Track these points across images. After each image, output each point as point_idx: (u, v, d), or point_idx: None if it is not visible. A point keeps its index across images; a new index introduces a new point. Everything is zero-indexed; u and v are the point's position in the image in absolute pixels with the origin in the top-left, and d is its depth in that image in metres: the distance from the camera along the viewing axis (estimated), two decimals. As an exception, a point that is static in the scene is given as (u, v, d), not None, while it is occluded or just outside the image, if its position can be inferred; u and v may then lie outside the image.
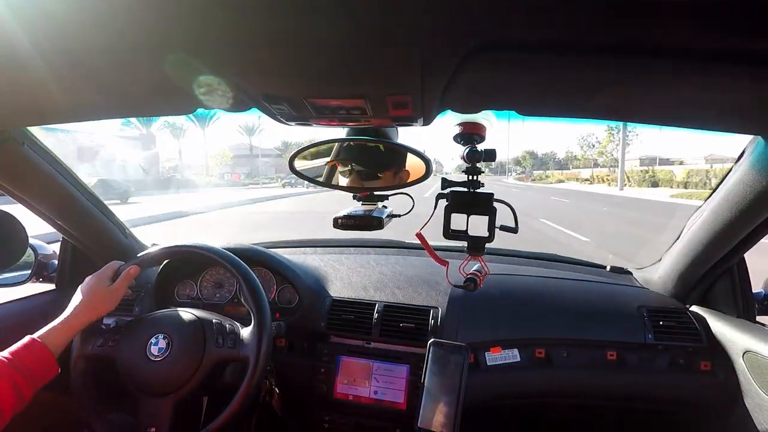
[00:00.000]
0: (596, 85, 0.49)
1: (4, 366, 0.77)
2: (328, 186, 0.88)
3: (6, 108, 0.67)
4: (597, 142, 50.88)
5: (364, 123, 0.69)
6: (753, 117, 0.58)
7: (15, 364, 0.78)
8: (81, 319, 0.90)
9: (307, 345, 1.21)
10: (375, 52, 0.43)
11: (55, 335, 0.86)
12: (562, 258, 1.52)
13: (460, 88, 0.50)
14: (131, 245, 1.38)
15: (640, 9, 0.33)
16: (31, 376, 0.79)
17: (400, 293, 1.24)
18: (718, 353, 1.07)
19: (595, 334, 1.13)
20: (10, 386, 0.76)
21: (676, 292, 1.19)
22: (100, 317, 0.94)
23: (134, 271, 0.99)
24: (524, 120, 0.68)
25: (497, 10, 0.34)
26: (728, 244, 0.99)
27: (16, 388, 0.76)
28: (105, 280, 0.95)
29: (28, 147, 0.96)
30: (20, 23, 0.38)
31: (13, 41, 0.41)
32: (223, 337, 0.94)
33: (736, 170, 0.87)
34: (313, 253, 1.48)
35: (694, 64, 0.40)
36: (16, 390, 0.76)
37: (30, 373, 0.79)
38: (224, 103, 0.59)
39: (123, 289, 0.97)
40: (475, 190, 0.80)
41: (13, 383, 0.76)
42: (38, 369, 0.81)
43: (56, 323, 0.88)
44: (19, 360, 0.79)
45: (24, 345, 0.82)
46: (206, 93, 0.55)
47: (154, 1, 0.34)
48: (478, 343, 1.12)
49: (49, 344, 0.84)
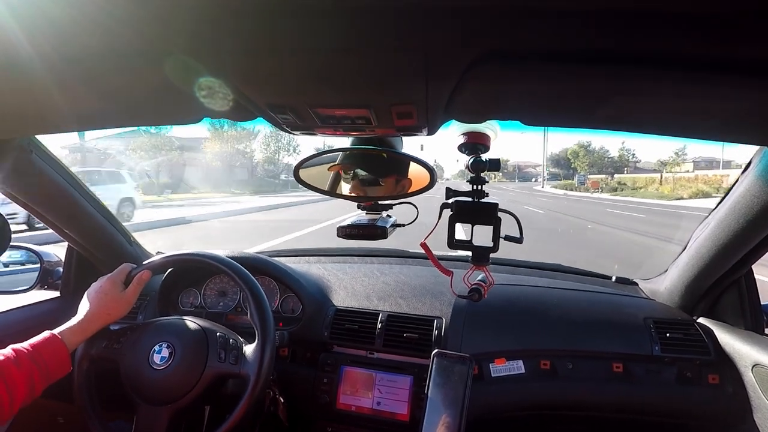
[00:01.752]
0: (600, 96, 0.49)
1: (24, 357, 0.77)
2: (332, 195, 0.88)
3: (14, 117, 0.68)
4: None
5: (369, 132, 0.69)
6: (759, 127, 0.58)
7: (34, 356, 0.78)
8: (96, 323, 0.90)
9: (310, 355, 1.20)
10: (379, 63, 0.43)
11: (71, 334, 0.86)
12: (568, 268, 1.51)
13: (464, 98, 0.51)
14: (136, 253, 1.39)
15: (643, 20, 0.33)
16: (47, 371, 0.79)
17: (404, 303, 1.23)
18: (727, 366, 1.05)
19: (600, 345, 1.12)
20: (26, 377, 0.75)
21: (683, 304, 1.18)
22: (113, 322, 0.94)
23: (146, 276, 0.99)
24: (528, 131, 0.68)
25: (501, 20, 0.34)
26: (735, 255, 0.98)
27: (31, 380, 0.76)
28: (119, 285, 0.95)
29: (36, 155, 0.97)
30: (26, 32, 0.38)
31: (19, 51, 0.41)
32: (226, 352, 0.94)
33: (742, 181, 0.87)
34: (317, 262, 1.48)
35: (698, 74, 0.40)
36: (30, 382, 0.76)
37: (46, 368, 0.79)
38: (230, 113, 0.59)
39: (136, 295, 0.97)
40: (479, 199, 0.80)
41: (29, 375, 0.76)
42: (54, 364, 0.81)
43: (73, 323, 0.87)
44: (38, 353, 0.79)
45: (44, 339, 0.82)
46: (212, 102, 0.55)
47: (160, 9, 0.34)
48: (482, 354, 1.11)
49: (66, 342, 0.84)
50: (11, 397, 0.73)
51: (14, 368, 0.74)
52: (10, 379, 0.73)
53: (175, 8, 0.34)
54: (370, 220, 0.85)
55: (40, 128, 0.80)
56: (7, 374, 0.73)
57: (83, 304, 0.92)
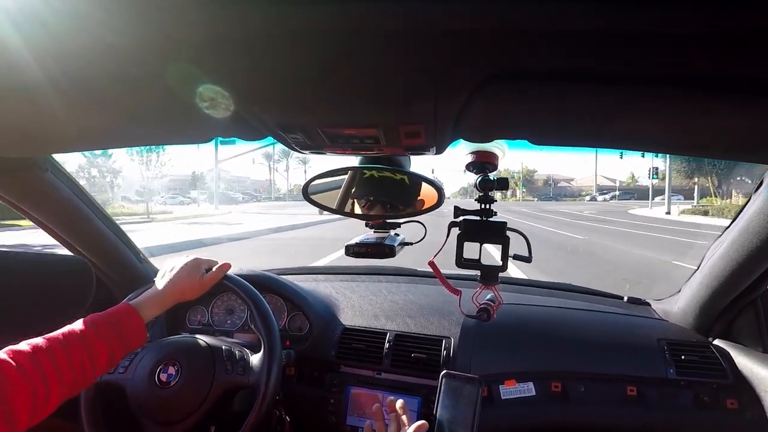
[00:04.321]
0: (608, 115, 0.49)
1: (103, 327, 0.75)
2: (341, 213, 0.88)
3: (32, 136, 0.69)
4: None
5: (377, 152, 0.70)
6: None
7: (114, 326, 0.77)
8: (171, 298, 0.90)
9: (317, 374, 1.19)
10: (388, 83, 0.44)
11: (148, 306, 0.85)
12: (578, 288, 1.49)
13: (471, 118, 0.51)
14: (145, 270, 1.40)
15: (649, 40, 0.33)
16: (127, 341, 0.78)
17: (412, 322, 1.22)
18: (745, 390, 1.02)
19: (613, 367, 1.09)
20: (107, 349, 0.74)
21: (697, 325, 1.15)
22: (185, 303, 0.94)
23: (226, 267, 1.00)
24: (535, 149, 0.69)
25: (509, 41, 0.35)
26: (750, 275, 0.96)
27: (111, 350, 0.75)
28: (201, 270, 0.96)
29: (51, 173, 0.99)
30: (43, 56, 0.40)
31: (36, 74, 0.42)
32: (233, 363, 0.94)
33: (755, 200, 0.86)
34: (324, 280, 1.48)
35: (707, 93, 0.40)
36: (110, 352, 0.75)
37: (126, 339, 0.78)
38: (241, 132, 0.61)
39: (212, 283, 0.97)
40: (488, 218, 0.80)
41: (109, 345, 0.74)
42: (133, 335, 0.80)
43: (149, 295, 0.87)
44: (118, 323, 0.78)
45: (122, 310, 0.81)
46: (224, 122, 0.56)
47: (172, 32, 0.35)
48: (491, 376, 1.09)
49: (142, 314, 0.83)
50: (93, 364, 0.72)
51: (95, 338, 0.73)
52: (92, 348, 0.72)
53: (186, 30, 0.35)
54: (378, 238, 0.86)
55: (56, 147, 0.82)
56: (90, 344, 0.72)
57: (161, 278, 0.92)
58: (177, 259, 0.96)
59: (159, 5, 0.32)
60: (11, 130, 0.65)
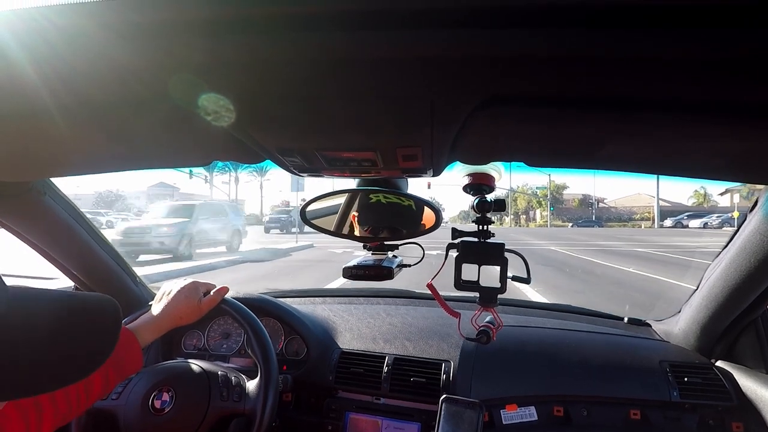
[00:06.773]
0: (603, 138, 0.50)
1: None
2: (339, 236, 0.88)
3: (31, 160, 0.70)
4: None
5: (375, 174, 0.70)
6: (764, 167, 0.58)
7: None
8: (168, 323, 0.88)
9: (314, 400, 1.17)
10: (386, 110, 0.44)
11: (144, 331, 0.84)
12: (578, 309, 1.47)
13: (468, 140, 0.52)
14: (141, 293, 1.38)
15: (639, 65, 0.34)
16: (122, 367, 0.77)
17: (411, 345, 1.20)
18: (750, 413, 1.00)
19: (616, 390, 1.08)
20: (101, 373, 0.72)
21: (699, 346, 1.14)
22: (181, 326, 0.92)
23: (224, 291, 0.99)
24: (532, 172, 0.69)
25: (504, 67, 0.35)
26: (748, 296, 0.95)
27: (106, 376, 0.73)
28: (199, 294, 0.94)
29: (49, 197, 0.99)
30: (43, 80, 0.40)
31: (37, 97, 0.43)
32: (228, 390, 0.92)
33: (750, 219, 0.86)
34: (322, 303, 1.46)
35: (699, 117, 0.41)
36: (105, 380, 0.73)
37: (122, 365, 0.76)
38: (239, 156, 0.61)
39: (209, 307, 0.96)
40: (485, 240, 0.80)
41: (104, 370, 0.73)
42: (128, 361, 0.78)
43: (146, 320, 0.86)
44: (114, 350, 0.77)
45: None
46: (222, 146, 0.57)
47: (173, 57, 0.36)
48: (492, 400, 1.07)
49: (139, 338, 0.82)
50: (87, 392, 0.70)
51: None
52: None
53: (188, 55, 0.35)
54: (376, 260, 0.85)
55: (55, 171, 0.82)
56: None
57: (158, 302, 0.90)
58: (174, 282, 0.95)
59: (162, 31, 0.33)
60: (9, 154, 0.66)
